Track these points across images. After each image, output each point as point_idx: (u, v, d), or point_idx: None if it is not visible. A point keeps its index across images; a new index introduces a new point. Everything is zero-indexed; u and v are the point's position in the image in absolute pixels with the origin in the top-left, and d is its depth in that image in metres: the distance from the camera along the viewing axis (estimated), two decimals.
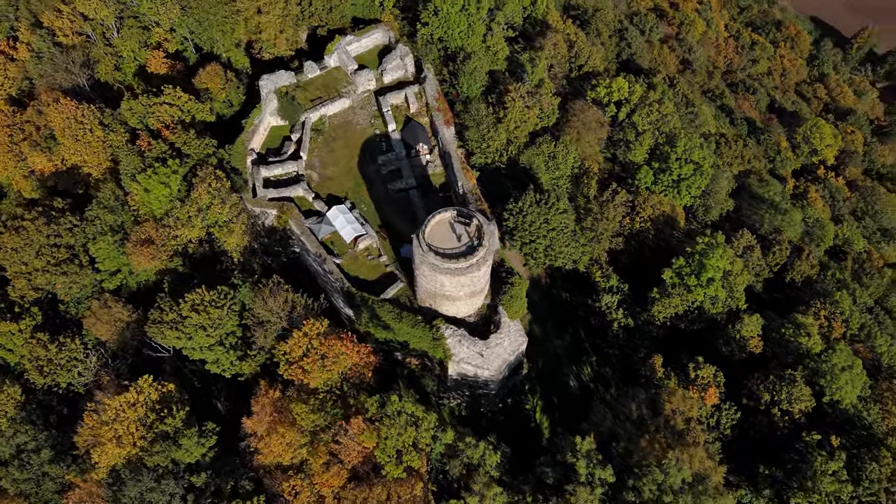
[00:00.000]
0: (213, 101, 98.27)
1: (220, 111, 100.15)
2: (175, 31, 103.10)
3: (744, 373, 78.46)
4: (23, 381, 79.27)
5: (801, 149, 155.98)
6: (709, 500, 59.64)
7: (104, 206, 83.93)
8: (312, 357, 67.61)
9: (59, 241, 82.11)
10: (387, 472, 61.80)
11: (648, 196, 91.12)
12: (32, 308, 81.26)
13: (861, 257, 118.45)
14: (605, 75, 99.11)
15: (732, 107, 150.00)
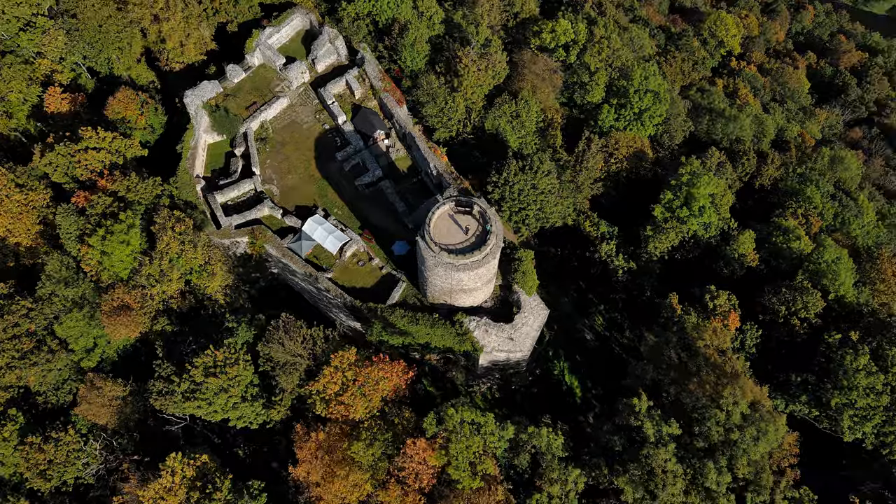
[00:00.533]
0: (133, 130, 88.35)
1: (144, 139, 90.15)
2: (64, 59, 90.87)
3: (748, 289, 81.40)
4: (26, 490, 71.40)
5: (710, 44, 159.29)
6: (770, 426, 62.23)
7: (57, 280, 74.50)
8: (352, 389, 63.93)
9: (18, 330, 72.57)
10: (463, 486, 60.35)
11: (618, 136, 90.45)
12: (10, 411, 72.31)
13: (798, 142, 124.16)
14: (544, 19, 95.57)
15: (645, 17, 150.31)
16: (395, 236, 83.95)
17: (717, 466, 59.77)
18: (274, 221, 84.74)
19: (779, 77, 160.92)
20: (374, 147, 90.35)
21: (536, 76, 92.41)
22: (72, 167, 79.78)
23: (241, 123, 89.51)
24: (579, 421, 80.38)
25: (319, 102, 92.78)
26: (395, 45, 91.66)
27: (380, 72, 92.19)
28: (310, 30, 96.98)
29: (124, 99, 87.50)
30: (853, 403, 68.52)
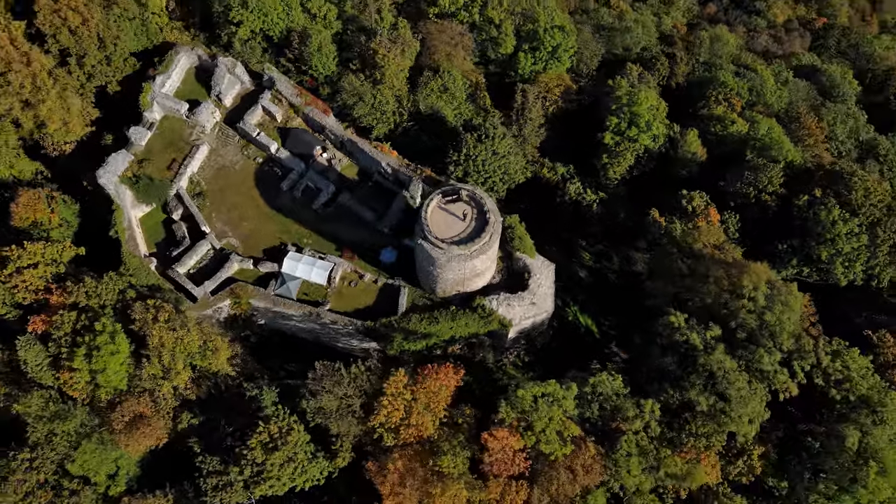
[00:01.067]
0: (48, 231, 79.34)
1: (63, 237, 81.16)
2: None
3: (710, 183, 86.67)
4: None
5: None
6: (790, 296, 67.70)
7: (48, 419, 66.91)
8: (416, 409, 62.69)
9: (28, 486, 64.93)
10: (555, 456, 61.48)
11: (545, 78, 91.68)
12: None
13: (675, 33, 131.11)
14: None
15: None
16: (376, 245, 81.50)
17: (766, 349, 64.52)
18: (248, 273, 79.72)
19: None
20: (315, 165, 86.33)
21: (447, 44, 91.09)
22: (8, 295, 70.87)
23: (169, 186, 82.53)
24: (608, 356, 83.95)
25: (242, 138, 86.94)
26: (299, 55, 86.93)
27: (294, 87, 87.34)
28: (201, 66, 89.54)
29: (29, 201, 77.87)
30: (840, 251, 75.75)
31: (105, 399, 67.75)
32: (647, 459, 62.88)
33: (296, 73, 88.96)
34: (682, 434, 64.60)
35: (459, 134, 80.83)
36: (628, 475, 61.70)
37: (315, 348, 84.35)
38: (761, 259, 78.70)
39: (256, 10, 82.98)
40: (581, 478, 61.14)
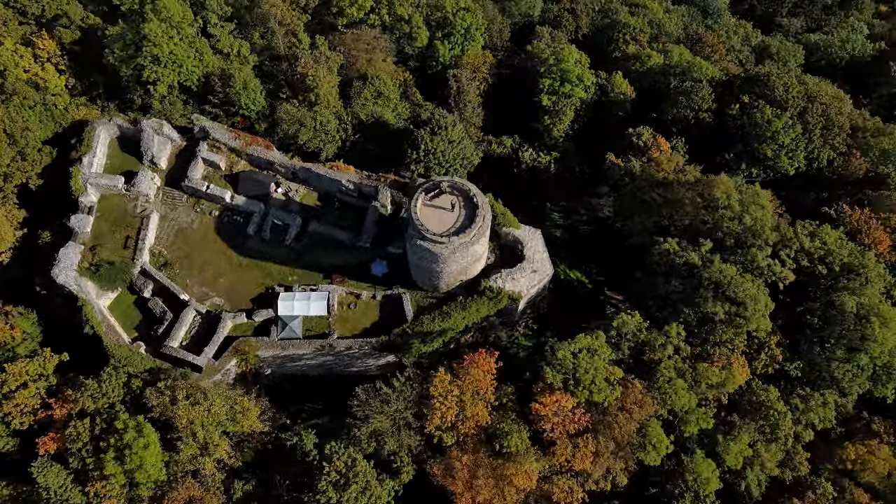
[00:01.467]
0: (15, 350, 73.60)
1: (30, 351, 75.44)
2: None
3: (646, 116, 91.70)
4: None
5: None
6: (758, 196, 73.22)
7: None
8: (468, 401, 63.34)
9: None
10: (608, 402, 63.95)
11: (468, 60, 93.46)
12: None
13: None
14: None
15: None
16: (362, 262, 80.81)
17: (756, 247, 69.58)
18: (245, 327, 77.07)
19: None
20: (274, 202, 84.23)
21: (366, 51, 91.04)
22: (2, 427, 65.52)
23: (131, 265, 78.23)
24: (605, 301, 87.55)
25: (191, 196, 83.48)
26: (225, 97, 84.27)
27: (229, 131, 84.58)
28: (123, 135, 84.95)
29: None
30: (782, 144, 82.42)
31: (147, 496, 64.13)
32: (687, 378, 66.56)
33: (225, 116, 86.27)
34: (707, 346, 68.81)
35: (410, 132, 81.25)
36: (676, 397, 65.06)
37: (328, 381, 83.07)
38: (716, 172, 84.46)
39: (170, 64, 79.53)
40: (636, 414, 63.94)
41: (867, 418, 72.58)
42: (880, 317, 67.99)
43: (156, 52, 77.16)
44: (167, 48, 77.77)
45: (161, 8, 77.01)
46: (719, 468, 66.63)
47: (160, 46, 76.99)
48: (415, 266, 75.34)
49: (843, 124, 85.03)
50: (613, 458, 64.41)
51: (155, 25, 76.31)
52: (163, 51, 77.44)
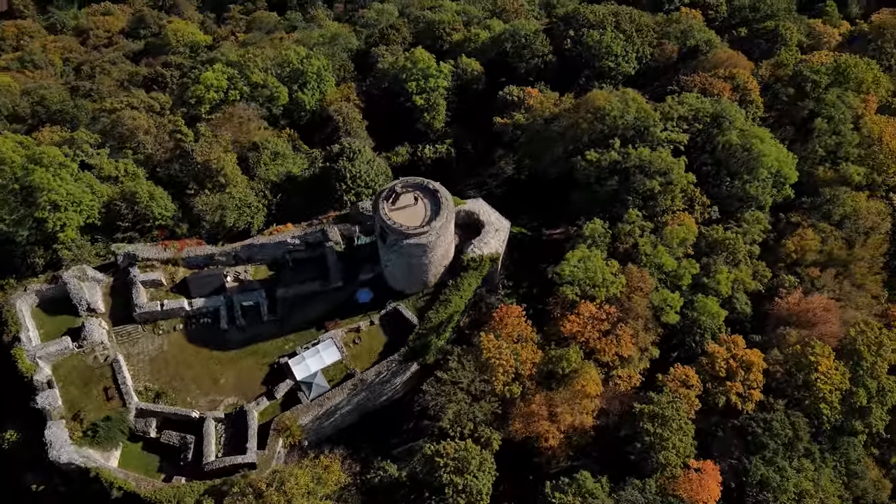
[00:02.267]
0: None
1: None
2: None
3: (498, 82, 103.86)
4: None
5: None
6: (631, 92, 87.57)
7: None
8: (517, 348, 68.80)
9: None
10: (621, 292, 72.95)
11: (334, 94, 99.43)
12: None
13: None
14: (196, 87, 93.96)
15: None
16: (345, 300, 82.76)
17: (652, 126, 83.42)
18: (272, 408, 75.44)
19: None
20: (232, 291, 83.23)
21: (242, 124, 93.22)
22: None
23: (126, 411, 73.23)
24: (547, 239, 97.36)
25: (145, 323, 79.69)
26: (134, 216, 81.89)
27: (154, 247, 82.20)
28: (44, 299, 78.90)
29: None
30: (617, 54, 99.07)
31: None
32: (667, 247, 77.76)
33: (141, 235, 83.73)
34: (659, 216, 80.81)
35: (331, 168, 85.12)
36: (664, 262, 75.76)
37: (358, 428, 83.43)
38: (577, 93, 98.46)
39: (70, 206, 76.19)
40: (644, 288, 73.53)
41: (785, 217, 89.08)
42: (756, 137, 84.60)
43: (54, 197, 73.76)
44: (63, 190, 74.64)
45: (40, 156, 73.85)
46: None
47: (56, 191, 73.76)
48: (403, 273, 79.11)
49: (648, 23, 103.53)
50: (645, 333, 73.35)
51: (41, 173, 73.05)
52: (60, 194, 74.20)
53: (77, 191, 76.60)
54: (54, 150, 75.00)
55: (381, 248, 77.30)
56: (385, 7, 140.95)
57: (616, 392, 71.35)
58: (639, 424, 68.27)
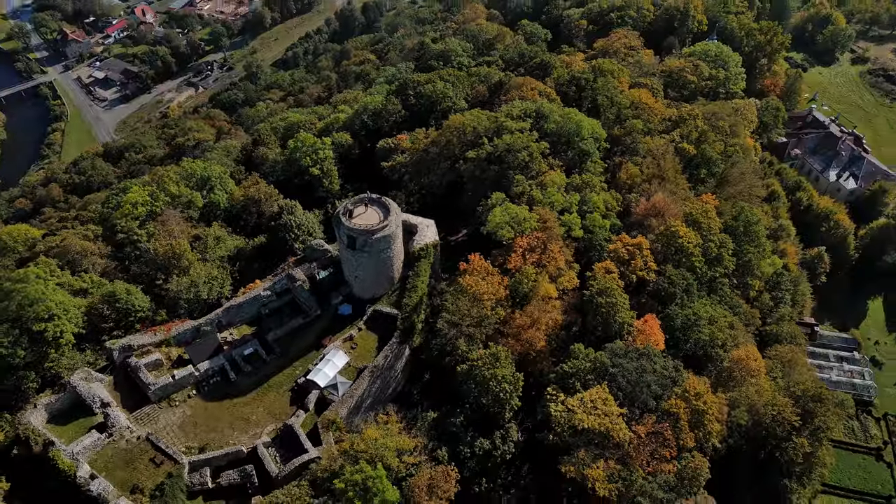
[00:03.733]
0: None
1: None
2: None
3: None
4: None
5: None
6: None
7: None
8: (490, 279, 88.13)
9: None
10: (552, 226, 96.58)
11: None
12: None
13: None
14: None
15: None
16: (329, 321, 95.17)
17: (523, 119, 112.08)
18: (309, 417, 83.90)
19: None
20: (228, 350, 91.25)
21: (176, 225, 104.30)
22: None
23: (181, 468, 77.14)
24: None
25: (160, 400, 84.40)
26: (116, 315, 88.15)
27: (146, 333, 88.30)
28: (54, 411, 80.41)
29: None
30: None
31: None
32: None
33: (125, 332, 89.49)
34: (539, 177, 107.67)
35: (278, 225, 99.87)
36: (557, 196, 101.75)
37: None
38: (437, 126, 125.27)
39: (64, 315, 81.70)
40: (552, 218, 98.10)
41: (612, 161, 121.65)
42: (571, 114, 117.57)
43: (49, 305, 79.65)
44: (55, 299, 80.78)
45: (25, 276, 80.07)
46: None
47: (50, 299, 79.89)
48: (372, 276, 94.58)
49: (461, 74, 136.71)
50: (566, 248, 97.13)
51: (34, 286, 79.22)
52: (54, 301, 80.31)
53: (65, 300, 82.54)
54: (35, 269, 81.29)
55: (351, 257, 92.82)
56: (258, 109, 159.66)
57: (566, 291, 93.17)
58: (593, 301, 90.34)
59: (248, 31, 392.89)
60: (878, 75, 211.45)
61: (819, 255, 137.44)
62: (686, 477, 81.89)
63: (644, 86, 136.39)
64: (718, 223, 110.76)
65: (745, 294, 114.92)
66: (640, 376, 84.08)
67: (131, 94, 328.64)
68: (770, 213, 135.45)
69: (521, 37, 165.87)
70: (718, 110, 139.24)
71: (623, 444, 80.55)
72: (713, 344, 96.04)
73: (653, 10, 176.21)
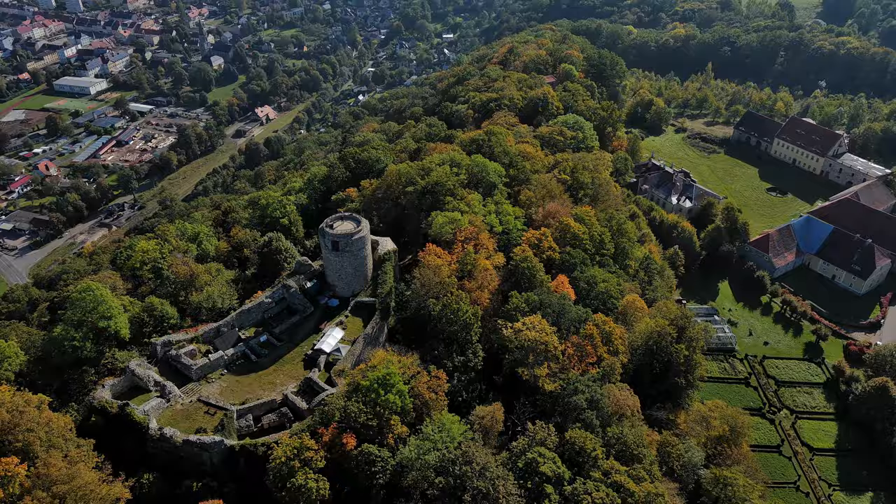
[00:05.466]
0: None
1: None
2: None
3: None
4: None
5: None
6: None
7: None
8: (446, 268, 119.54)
9: None
10: (480, 226, 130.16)
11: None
12: None
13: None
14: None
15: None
16: (325, 313, 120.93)
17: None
18: (323, 376, 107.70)
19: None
20: (246, 340, 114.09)
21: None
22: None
23: (232, 414, 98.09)
24: None
25: (200, 380, 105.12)
26: (155, 322, 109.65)
27: (179, 332, 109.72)
28: (115, 395, 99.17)
29: None
30: None
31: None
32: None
33: (161, 333, 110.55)
34: (464, 198, 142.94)
35: (269, 251, 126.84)
36: (479, 207, 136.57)
37: None
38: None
39: (118, 314, 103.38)
40: (479, 220, 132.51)
41: (513, 187, 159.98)
42: (481, 162, 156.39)
43: (111, 304, 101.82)
44: (115, 303, 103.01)
45: (91, 286, 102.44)
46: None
47: (110, 302, 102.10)
48: (351, 275, 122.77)
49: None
50: (492, 238, 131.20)
51: (100, 291, 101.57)
52: (114, 304, 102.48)
53: (118, 305, 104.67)
54: (94, 283, 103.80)
55: (335, 259, 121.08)
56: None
57: (498, 263, 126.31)
58: (519, 267, 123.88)
59: (155, 174, 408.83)
60: (696, 138, 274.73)
61: (675, 252, 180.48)
62: (606, 373, 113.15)
63: (527, 142, 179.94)
64: (597, 223, 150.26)
65: (626, 272, 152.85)
66: (562, 307, 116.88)
67: (42, 239, 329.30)
68: (635, 226, 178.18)
69: (424, 125, 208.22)
70: (583, 157, 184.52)
71: (558, 354, 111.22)
72: (609, 295, 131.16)
73: (522, 100, 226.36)
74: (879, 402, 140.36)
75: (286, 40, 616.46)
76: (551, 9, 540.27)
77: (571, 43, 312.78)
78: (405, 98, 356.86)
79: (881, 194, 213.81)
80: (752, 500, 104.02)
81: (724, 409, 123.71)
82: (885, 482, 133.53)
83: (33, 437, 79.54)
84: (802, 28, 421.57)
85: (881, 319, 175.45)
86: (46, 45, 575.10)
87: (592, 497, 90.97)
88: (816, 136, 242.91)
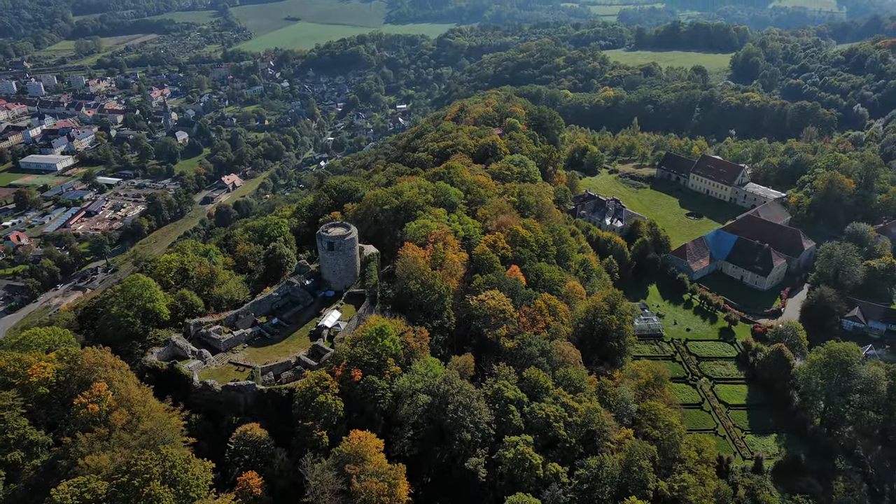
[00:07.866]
0: None
1: None
2: None
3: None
4: None
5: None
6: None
7: None
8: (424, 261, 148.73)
9: None
10: (446, 230, 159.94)
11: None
12: None
13: None
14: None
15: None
16: (321, 301, 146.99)
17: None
18: (327, 343, 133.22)
19: None
20: (260, 322, 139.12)
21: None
22: None
23: (257, 370, 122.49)
24: None
25: (227, 350, 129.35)
26: (186, 309, 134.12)
27: (208, 315, 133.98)
28: (160, 359, 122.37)
29: None
30: None
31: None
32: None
33: (192, 317, 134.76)
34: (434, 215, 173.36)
35: (274, 258, 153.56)
36: (444, 217, 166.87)
37: None
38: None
39: (161, 297, 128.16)
40: (446, 227, 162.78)
41: (472, 207, 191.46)
42: (449, 191, 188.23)
43: (154, 287, 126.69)
44: (158, 290, 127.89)
45: (140, 276, 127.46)
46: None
47: (154, 288, 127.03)
48: (343, 271, 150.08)
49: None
50: (456, 240, 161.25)
51: (144, 279, 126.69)
52: (157, 291, 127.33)
53: (160, 292, 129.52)
54: (141, 276, 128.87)
55: (330, 257, 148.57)
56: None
57: (462, 260, 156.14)
58: (480, 260, 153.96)
59: (127, 240, 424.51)
60: (626, 177, 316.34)
61: (611, 261, 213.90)
62: (553, 335, 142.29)
63: (480, 175, 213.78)
64: (542, 231, 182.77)
65: (567, 271, 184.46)
66: (516, 286, 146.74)
67: (17, 304, 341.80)
68: (576, 241, 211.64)
69: (391, 169, 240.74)
70: (528, 186, 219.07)
71: (514, 321, 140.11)
72: (554, 282, 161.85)
73: (474, 146, 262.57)
74: (777, 364, 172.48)
75: (248, 115, 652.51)
76: (495, 79, 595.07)
77: (515, 102, 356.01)
78: (369, 154, 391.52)
79: (778, 211, 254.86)
80: (673, 421, 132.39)
81: (650, 364, 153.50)
82: (785, 426, 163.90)
83: (113, 373, 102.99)
84: (714, 87, 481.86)
85: (781, 308, 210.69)
86: (10, 127, 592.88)
87: (546, 411, 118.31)
88: (723, 169, 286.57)
